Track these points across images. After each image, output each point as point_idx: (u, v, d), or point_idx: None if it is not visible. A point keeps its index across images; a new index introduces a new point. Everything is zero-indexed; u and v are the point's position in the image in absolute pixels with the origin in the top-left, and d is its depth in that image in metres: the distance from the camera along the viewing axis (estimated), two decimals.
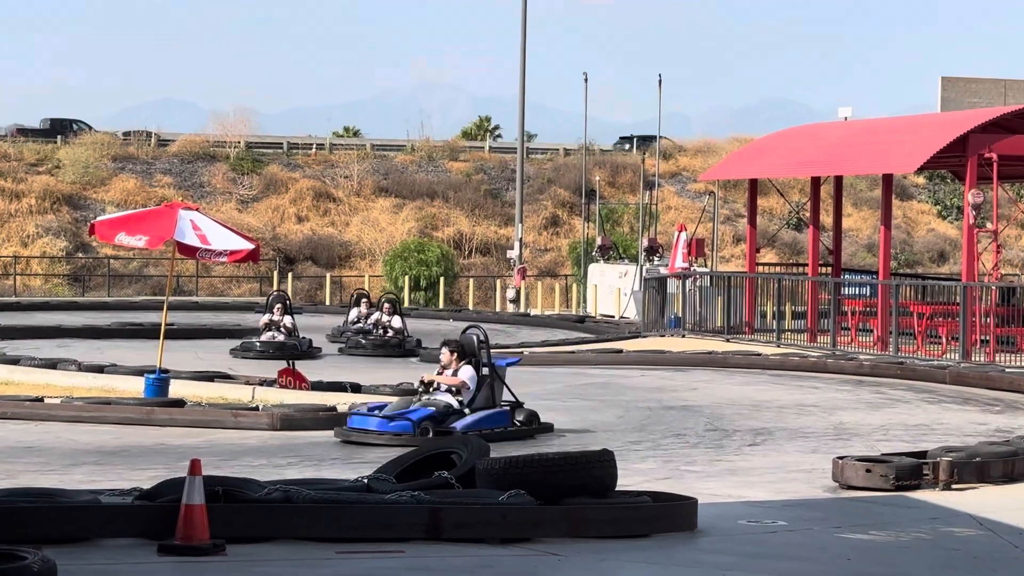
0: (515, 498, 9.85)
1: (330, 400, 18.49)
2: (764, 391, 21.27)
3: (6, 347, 26.15)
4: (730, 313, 29.96)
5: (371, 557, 9.02)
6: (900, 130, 30.73)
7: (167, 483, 9.81)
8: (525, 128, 48.34)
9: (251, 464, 13.81)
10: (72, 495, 10.00)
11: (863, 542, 10.07)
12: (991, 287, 26.63)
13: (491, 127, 77.21)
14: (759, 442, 16.08)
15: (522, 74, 45.22)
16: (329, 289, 47.71)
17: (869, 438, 16.33)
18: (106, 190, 55.53)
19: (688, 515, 10.31)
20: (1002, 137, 26.82)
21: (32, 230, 52.39)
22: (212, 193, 56.71)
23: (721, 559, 9.32)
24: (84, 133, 60.95)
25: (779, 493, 12.40)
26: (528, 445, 15.17)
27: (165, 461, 13.97)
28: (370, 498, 9.85)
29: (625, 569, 8.94)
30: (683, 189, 62.58)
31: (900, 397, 20.72)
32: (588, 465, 10.28)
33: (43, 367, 21.93)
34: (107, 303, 41.35)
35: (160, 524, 9.19)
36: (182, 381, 19.78)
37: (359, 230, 56.46)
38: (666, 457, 14.82)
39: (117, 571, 8.49)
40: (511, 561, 9.07)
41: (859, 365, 23.93)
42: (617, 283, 37.29)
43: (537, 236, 57.41)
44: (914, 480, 12.33)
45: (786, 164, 33.05)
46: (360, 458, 14.24)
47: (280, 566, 8.74)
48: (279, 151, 61.48)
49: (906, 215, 63.51)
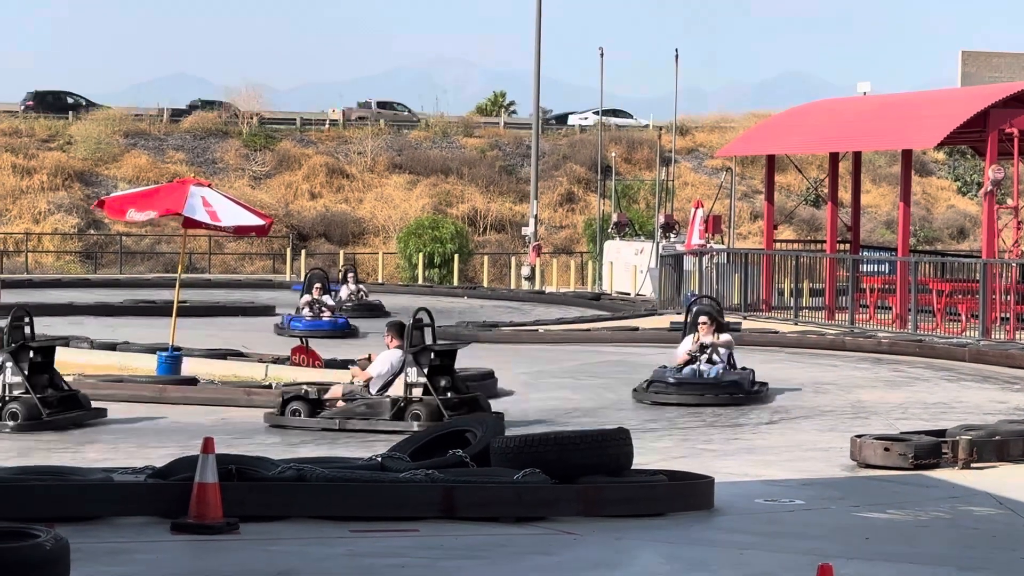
0: (530, 477, 9.85)
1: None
2: (781, 369, 21.24)
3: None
4: (747, 290, 29.94)
5: (385, 536, 9.04)
6: (919, 105, 30.63)
7: (180, 461, 9.83)
8: (541, 104, 48.26)
9: (264, 442, 13.85)
10: (85, 473, 10.04)
11: (881, 521, 10.08)
12: (1012, 264, 26.55)
13: (506, 103, 77.12)
14: (776, 420, 16.08)
15: (537, 49, 45.11)
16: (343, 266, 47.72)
17: (888, 416, 16.31)
18: (118, 166, 55.58)
19: (705, 494, 10.32)
20: (1023, 112, 26.71)
21: (44, 207, 52.46)
22: (225, 169, 56.74)
23: (738, 538, 9.33)
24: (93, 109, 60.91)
25: (797, 472, 12.40)
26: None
27: (178, 439, 14.01)
28: (384, 477, 9.87)
29: (641, 548, 8.95)
30: (700, 165, 62.49)
31: (919, 375, 20.69)
32: (604, 443, 10.29)
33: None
34: (119, 280, 41.46)
35: (173, 503, 9.23)
36: (195, 359, 19.82)
37: (373, 207, 56.45)
38: (682, 436, 14.84)
39: (130, 549, 8.52)
40: (526, 540, 9.08)
41: (878, 343, 23.89)
42: (633, 260, 37.24)
43: (552, 213, 57.35)
44: (933, 459, 12.32)
45: (804, 140, 32.96)
46: (373, 437, 14.28)
47: (294, 545, 8.77)
48: (292, 127, 61.48)
49: (925, 191, 63.34)
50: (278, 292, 38.29)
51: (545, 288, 41.52)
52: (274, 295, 36.69)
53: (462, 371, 18.80)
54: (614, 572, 8.26)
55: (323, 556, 8.47)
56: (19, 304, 17.81)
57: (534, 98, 46.66)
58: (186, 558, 8.42)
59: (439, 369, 15.68)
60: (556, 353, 23.46)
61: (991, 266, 25.36)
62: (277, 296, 36.34)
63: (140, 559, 8.27)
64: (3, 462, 12.14)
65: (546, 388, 18.84)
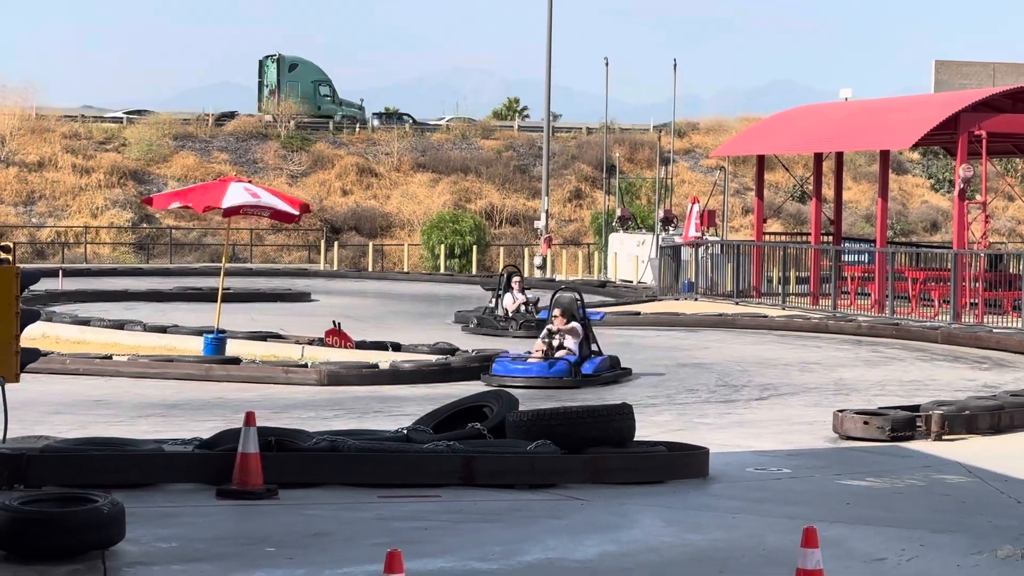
0: (542, 448, 9.87)
1: (373, 358, 18.55)
2: (770, 350, 21.25)
3: (77, 309, 26.31)
4: (739, 278, 29.91)
5: (410, 501, 9.05)
6: (896, 110, 30.55)
7: (224, 433, 9.85)
8: (551, 109, 48.22)
9: (300, 416, 13.86)
10: (138, 444, 10.06)
11: (861, 488, 10.07)
12: (980, 254, 26.52)
13: (520, 108, 76.96)
14: (766, 397, 16.08)
15: (548, 60, 45.09)
16: (371, 257, 47.77)
17: (867, 393, 16.31)
18: (168, 166, 55.63)
19: (700, 463, 10.32)
20: (991, 116, 26.66)
21: (101, 203, 52.54)
22: (264, 169, 56.75)
23: (730, 503, 9.33)
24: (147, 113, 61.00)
25: (784, 443, 12.40)
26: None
27: (222, 413, 14.03)
28: (409, 447, 9.88)
29: (642, 512, 8.95)
30: (696, 164, 62.35)
31: (895, 355, 20.69)
32: (609, 417, 10.30)
33: (111, 327, 22.05)
34: (169, 269, 41.54)
35: (218, 471, 9.25)
36: (238, 340, 19.87)
37: (399, 202, 56.46)
38: (680, 410, 14.84)
39: (179, 513, 8.54)
40: (539, 505, 9.09)
41: (858, 326, 23.88)
42: (635, 251, 37.21)
43: (562, 208, 57.30)
44: (908, 431, 12.32)
45: (791, 141, 32.91)
46: (399, 411, 14.29)
47: (327, 509, 8.78)
48: (326, 130, 61.47)
49: (902, 188, 63.16)
50: (313, 280, 38.37)
51: (556, 276, 41.51)
52: (309, 282, 36.78)
53: (478, 352, 18.87)
54: (618, 534, 8.26)
55: (354, 519, 8.49)
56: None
57: (545, 104, 46.67)
58: (230, 521, 8.44)
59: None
60: None
61: (961, 256, 25.32)
62: (312, 283, 36.41)
63: (188, 522, 8.30)
64: (65, 434, 12.17)
65: None
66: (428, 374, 17.55)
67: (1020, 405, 13.30)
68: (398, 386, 16.85)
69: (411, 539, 7.86)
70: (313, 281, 37.56)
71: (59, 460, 9.29)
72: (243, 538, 7.92)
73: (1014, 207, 58.10)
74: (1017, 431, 12.86)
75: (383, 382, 17.07)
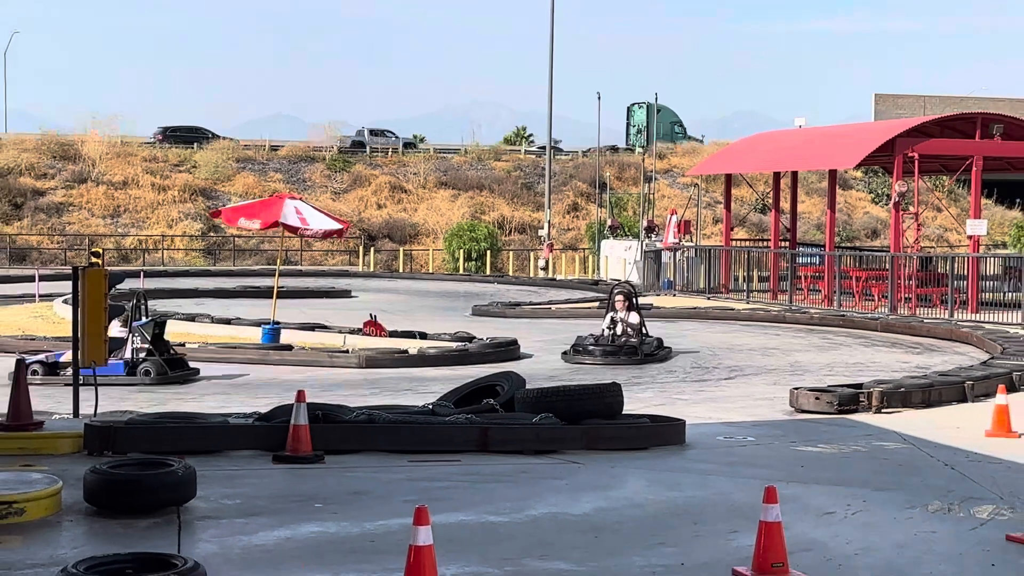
0: (545, 420, 9.86)
1: (403, 344, 18.54)
2: (737, 337, 21.22)
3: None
4: (710, 277, 29.88)
5: (435, 464, 9.05)
6: (842, 135, 30.49)
7: (279, 408, 9.86)
8: (552, 136, 48.18)
9: (343, 394, 13.87)
10: (207, 417, 10.08)
11: (813, 454, 10.05)
12: (913, 257, 26.45)
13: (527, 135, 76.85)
14: (733, 376, 16.05)
15: (550, 95, 45.03)
16: (402, 260, 47.73)
17: (818, 373, 16.28)
18: (231, 184, 55.62)
19: (678, 433, 10.31)
20: (922, 140, 26.60)
21: (175, 215, 52.58)
22: (312, 187, 56.73)
23: (704, 466, 9.32)
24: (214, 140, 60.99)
25: (748, 416, 12.38)
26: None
27: (277, 391, 14.04)
28: (434, 420, 9.88)
29: (630, 474, 8.94)
30: (674, 182, 62.21)
31: (842, 342, 20.64)
32: (601, 394, 10.29)
33: (184, 320, 22.07)
34: (232, 271, 41.55)
35: (274, 440, 9.25)
36: (290, 330, 19.88)
37: (425, 214, 56.42)
38: (661, 388, 14.82)
39: (241, 475, 8.55)
40: (543, 467, 9.09)
41: (810, 317, 23.83)
42: (623, 255, 37.17)
43: (561, 218, 57.22)
44: (853, 406, 12.30)
45: (754, 162, 32.86)
46: (426, 389, 14.29)
47: (366, 471, 8.79)
48: (363, 154, 61.44)
49: (847, 201, 62.96)
50: (353, 279, 38.37)
51: (556, 276, 41.47)
52: (350, 282, 36.77)
53: (491, 340, 18.85)
54: (609, 492, 8.25)
55: (388, 480, 8.49)
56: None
57: (547, 132, 46.61)
58: (284, 482, 8.44)
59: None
60: (564, 325, 23.44)
61: (897, 258, 25.26)
62: (352, 283, 36.42)
63: (249, 482, 8.30)
64: (145, 409, 12.19)
65: (557, 352, 18.83)
66: (450, 358, 17.56)
67: (947, 383, 13.27)
68: (425, 368, 16.86)
69: (436, 496, 7.86)
70: (353, 281, 37.56)
71: (141, 431, 9.31)
72: (295, 496, 7.92)
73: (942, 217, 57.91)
74: (945, 405, 12.84)
75: (412, 365, 17.08)
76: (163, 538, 6.73)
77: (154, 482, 7.33)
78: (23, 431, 9.26)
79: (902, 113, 59.48)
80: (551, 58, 44.69)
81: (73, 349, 10.57)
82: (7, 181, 51.56)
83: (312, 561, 6.37)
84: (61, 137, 56.55)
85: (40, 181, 52.76)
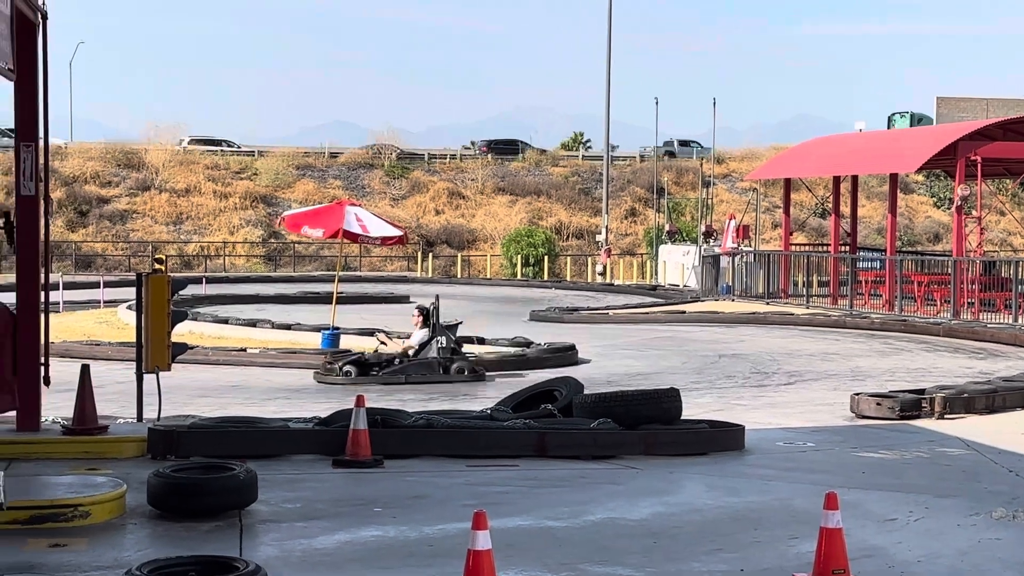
0: (603, 425, 9.84)
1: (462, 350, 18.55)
2: (796, 342, 21.05)
3: (217, 310, 26.60)
4: (769, 282, 29.67)
5: (493, 469, 9.06)
6: (904, 138, 30.18)
7: (339, 413, 9.92)
8: (610, 141, 48.07)
9: (401, 398, 13.93)
10: (268, 422, 10.15)
11: (874, 459, 9.95)
12: (976, 261, 26.10)
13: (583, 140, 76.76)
14: (792, 382, 15.93)
15: (607, 98, 44.98)
16: (460, 265, 47.85)
17: (879, 379, 16.11)
18: (291, 191, 56.08)
19: (737, 438, 10.25)
20: (985, 144, 26.26)
21: (237, 222, 53.09)
22: (371, 193, 57.05)
23: (764, 471, 9.25)
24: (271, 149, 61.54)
25: (808, 421, 12.28)
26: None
27: (336, 396, 14.12)
28: (492, 425, 9.89)
29: (688, 479, 8.90)
30: (732, 187, 61.86)
31: (903, 347, 20.42)
32: (659, 399, 10.25)
33: (245, 325, 22.27)
34: (292, 277, 41.90)
35: (334, 444, 9.31)
36: (349, 336, 19.99)
37: (483, 220, 56.52)
38: (720, 394, 14.74)
39: (302, 479, 8.61)
40: (600, 473, 9.07)
41: (871, 322, 23.60)
42: (681, 260, 37.02)
43: (619, 224, 57.09)
44: (915, 411, 12.17)
45: (814, 166, 32.60)
46: (484, 394, 14.31)
47: (425, 476, 8.81)
48: (422, 160, 61.71)
49: (908, 205, 62.29)
50: (411, 285, 38.52)
51: (614, 281, 41.38)
52: (408, 288, 36.92)
53: (549, 345, 18.86)
54: (668, 497, 8.22)
55: (447, 484, 8.51)
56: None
57: (605, 136, 46.56)
58: (344, 486, 8.49)
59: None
60: (622, 331, 23.40)
61: (960, 263, 24.94)
62: (410, 288, 36.56)
63: (310, 486, 8.35)
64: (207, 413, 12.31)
65: (615, 357, 18.81)
66: (507, 363, 17.57)
67: (1011, 388, 13.09)
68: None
69: (494, 501, 7.87)
70: (411, 286, 37.70)
71: (203, 435, 9.40)
72: (355, 500, 7.96)
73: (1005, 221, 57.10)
74: (1009, 411, 12.66)
75: None
76: (225, 541, 6.79)
77: (216, 486, 7.39)
78: (88, 435, 9.39)
79: (964, 116, 58.78)
80: (608, 64, 44.64)
81: (137, 354, 10.70)
82: (73, 189, 52.34)
83: (372, 565, 6.40)
84: (125, 145, 57.33)
85: (105, 189, 53.52)
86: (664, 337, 22.11)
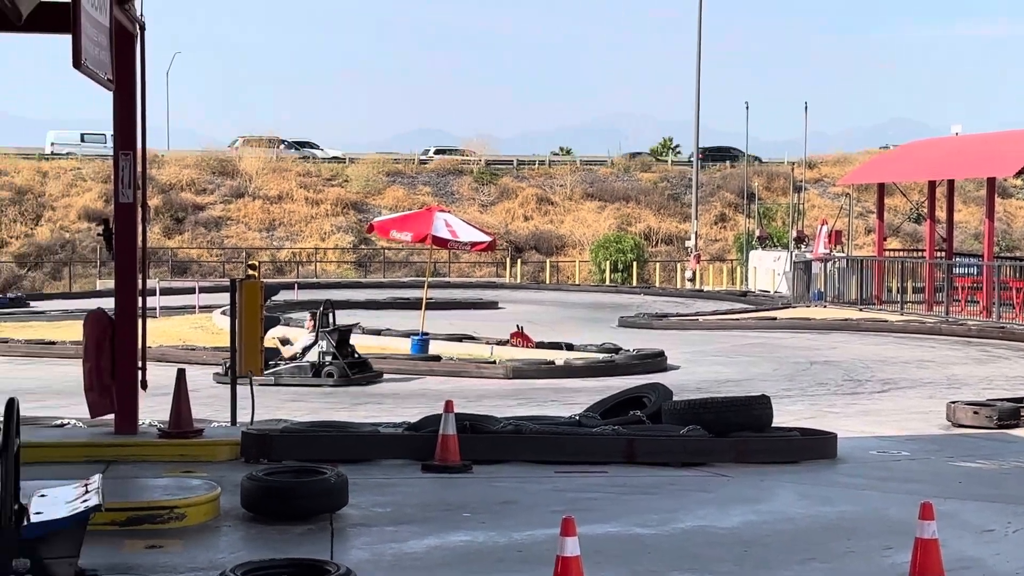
0: (692, 432, 9.78)
1: (550, 356, 18.58)
2: (890, 350, 20.72)
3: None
4: (863, 288, 29.24)
5: (582, 475, 9.05)
6: (1001, 142, 29.53)
7: (428, 418, 9.97)
8: (699, 146, 47.78)
9: (490, 404, 13.96)
10: (358, 427, 10.24)
11: (972, 469, 9.75)
12: None
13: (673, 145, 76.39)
14: (886, 390, 15.68)
15: (696, 104, 44.72)
16: (548, 271, 47.87)
17: (976, 387, 15.79)
18: (382, 197, 56.57)
19: (830, 447, 10.11)
20: None
21: (328, 228, 53.69)
22: (460, 199, 57.32)
23: (857, 481, 9.12)
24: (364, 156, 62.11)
25: (903, 430, 12.08)
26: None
27: (426, 401, 14.20)
28: (581, 431, 9.88)
29: (780, 487, 8.80)
30: (824, 192, 61.08)
31: (1001, 355, 19.99)
32: (750, 406, 10.16)
33: None
34: (383, 283, 42.23)
35: (423, 449, 9.36)
36: (438, 341, 20.10)
37: (571, 226, 56.49)
38: (811, 401, 14.56)
39: (392, 483, 8.67)
40: (690, 480, 9.01)
41: (968, 329, 23.14)
42: (772, 265, 36.63)
43: (709, 229, 56.67)
44: (1013, 420, 11.92)
45: (908, 171, 32.08)
46: (572, 400, 14.29)
47: (513, 481, 8.83)
48: (510, 167, 61.87)
49: (1006, 210, 60.95)
50: (500, 291, 38.61)
51: (703, 287, 41.09)
52: (497, 293, 37.01)
53: (638, 351, 18.78)
54: (759, 506, 8.14)
55: (535, 490, 8.51)
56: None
57: (694, 142, 46.26)
58: (433, 490, 8.53)
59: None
60: (712, 337, 23.22)
61: None
62: (499, 294, 36.65)
63: (399, 491, 8.41)
64: (298, 418, 12.45)
65: (704, 364, 18.67)
66: (596, 369, 17.54)
67: None
68: (571, 379, 16.87)
69: (583, 507, 7.85)
70: (500, 292, 37.79)
71: (295, 439, 9.51)
72: (444, 505, 8.00)
73: None
74: None
75: (558, 376, 17.11)
76: (316, 544, 6.87)
77: (308, 490, 7.48)
78: (184, 438, 9.56)
79: None
80: (698, 68, 44.37)
81: (231, 359, 10.86)
82: (169, 196, 53.38)
83: (461, 570, 6.42)
84: (220, 153, 58.30)
85: (200, 196, 54.48)
86: (754, 343, 21.89)
